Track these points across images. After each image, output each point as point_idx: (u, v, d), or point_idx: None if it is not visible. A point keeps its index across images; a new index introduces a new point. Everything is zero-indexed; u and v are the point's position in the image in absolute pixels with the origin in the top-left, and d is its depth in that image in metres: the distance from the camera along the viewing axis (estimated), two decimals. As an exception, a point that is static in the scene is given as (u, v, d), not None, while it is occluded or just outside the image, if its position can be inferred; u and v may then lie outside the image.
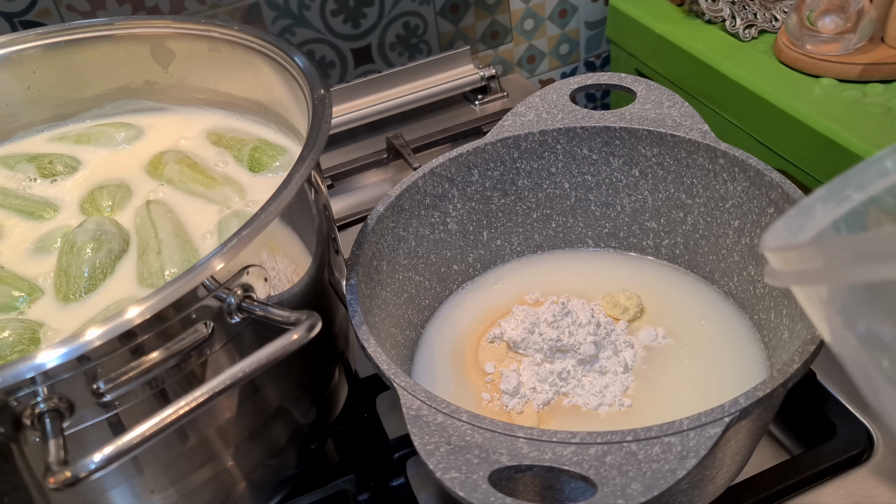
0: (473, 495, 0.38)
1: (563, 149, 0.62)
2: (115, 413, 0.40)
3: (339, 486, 0.57)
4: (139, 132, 0.65)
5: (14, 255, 0.54)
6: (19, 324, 0.47)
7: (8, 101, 0.64)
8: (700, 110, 0.62)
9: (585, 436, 0.40)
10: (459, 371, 0.58)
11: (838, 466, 0.55)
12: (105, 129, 0.65)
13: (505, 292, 0.64)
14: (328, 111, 0.49)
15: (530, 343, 0.57)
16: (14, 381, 0.35)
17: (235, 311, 0.42)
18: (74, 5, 0.86)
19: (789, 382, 0.43)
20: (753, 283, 0.58)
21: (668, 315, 0.60)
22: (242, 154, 0.60)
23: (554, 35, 1.12)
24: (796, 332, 0.51)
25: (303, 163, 0.45)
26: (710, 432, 0.40)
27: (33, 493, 0.41)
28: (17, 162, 0.61)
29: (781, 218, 0.31)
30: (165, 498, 0.45)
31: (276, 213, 0.42)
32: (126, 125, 0.65)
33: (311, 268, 0.50)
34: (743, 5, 0.92)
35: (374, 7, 0.97)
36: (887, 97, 0.78)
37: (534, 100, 0.64)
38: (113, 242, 0.52)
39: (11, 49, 0.63)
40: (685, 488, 0.47)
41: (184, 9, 0.90)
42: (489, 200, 0.63)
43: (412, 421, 0.43)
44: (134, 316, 0.37)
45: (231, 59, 0.61)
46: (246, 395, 0.46)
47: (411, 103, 0.97)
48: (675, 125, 0.59)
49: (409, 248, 0.60)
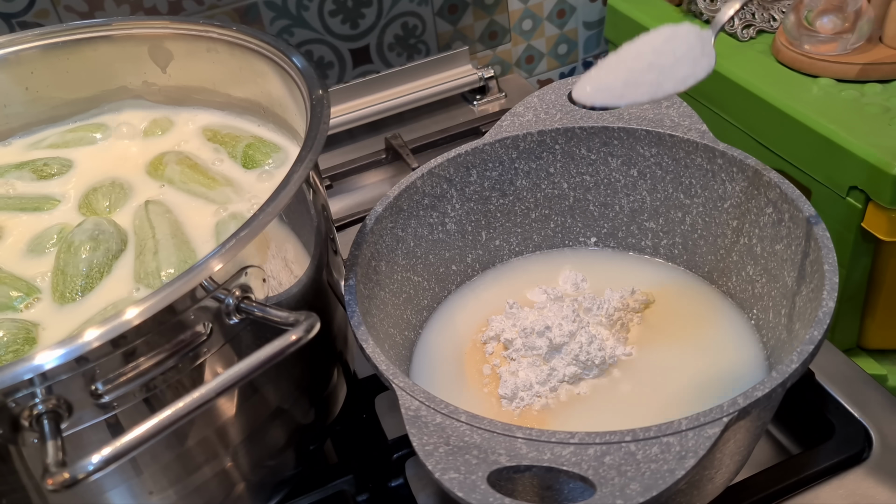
0: (472, 496, 0.38)
1: (561, 149, 0.62)
2: (113, 414, 0.40)
3: (338, 486, 0.57)
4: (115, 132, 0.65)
5: (12, 256, 0.54)
6: (13, 324, 0.47)
7: (6, 102, 0.64)
8: (698, 110, 0.62)
9: (584, 436, 0.40)
10: (458, 371, 0.58)
11: (837, 466, 0.55)
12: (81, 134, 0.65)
13: (503, 293, 0.64)
14: (326, 112, 0.49)
15: (528, 343, 0.57)
16: (12, 382, 0.35)
17: (234, 311, 0.42)
18: (72, 6, 0.86)
19: (788, 382, 0.43)
20: (752, 283, 0.58)
21: (666, 315, 0.60)
22: (236, 151, 0.60)
23: (552, 35, 1.12)
24: (795, 332, 0.51)
25: (301, 163, 0.45)
26: (708, 432, 0.40)
27: (31, 494, 0.41)
28: (6, 171, 0.61)
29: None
30: (164, 499, 0.45)
31: (275, 213, 0.42)
32: (101, 126, 0.65)
33: (310, 268, 0.50)
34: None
35: (372, 7, 0.97)
36: (885, 97, 0.78)
37: (532, 100, 0.64)
38: (110, 242, 0.52)
39: (9, 50, 0.63)
40: (684, 488, 0.47)
41: (182, 9, 0.90)
42: (488, 201, 0.63)
43: (411, 421, 0.43)
44: (133, 317, 0.37)
45: (229, 59, 0.61)
46: (244, 395, 0.46)
47: (410, 104, 0.97)
48: (674, 125, 0.59)
49: (408, 249, 0.60)
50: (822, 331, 0.45)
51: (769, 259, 0.56)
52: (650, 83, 0.44)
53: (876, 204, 0.73)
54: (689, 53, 0.45)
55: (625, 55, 0.45)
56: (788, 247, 0.53)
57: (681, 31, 0.46)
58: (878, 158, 0.72)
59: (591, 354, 0.55)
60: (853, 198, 0.75)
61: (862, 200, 0.74)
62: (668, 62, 0.45)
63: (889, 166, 0.71)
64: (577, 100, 0.45)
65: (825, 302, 0.46)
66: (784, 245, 0.54)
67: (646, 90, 0.44)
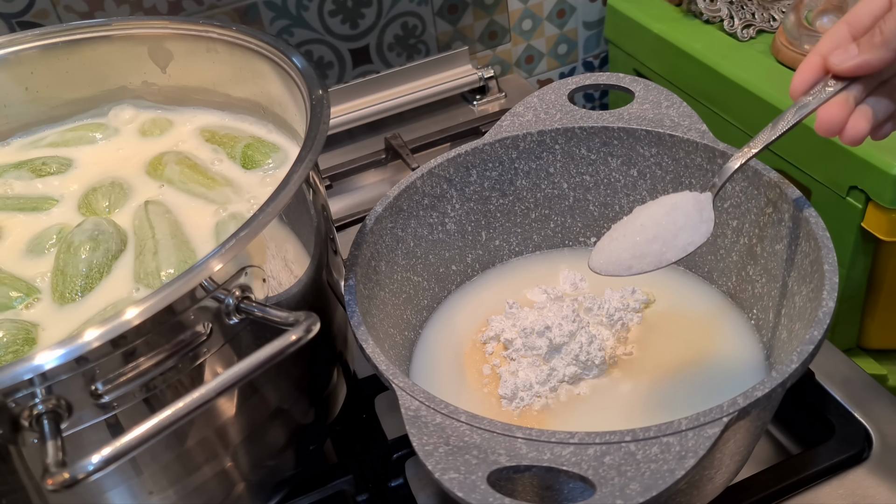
0: (472, 496, 0.38)
1: (561, 149, 0.62)
2: (113, 414, 0.40)
3: (338, 486, 0.57)
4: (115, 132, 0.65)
5: (12, 256, 0.54)
6: (13, 324, 0.47)
7: (6, 102, 0.64)
8: (698, 110, 0.62)
9: (584, 436, 0.40)
10: (458, 371, 0.58)
11: (837, 466, 0.55)
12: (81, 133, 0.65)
13: (503, 293, 0.64)
14: (326, 112, 0.49)
15: (528, 343, 0.57)
16: (12, 382, 0.35)
17: (234, 311, 0.42)
18: (72, 6, 0.86)
19: (788, 382, 0.43)
20: (752, 283, 0.58)
21: (666, 315, 0.60)
22: (235, 151, 0.60)
23: (552, 35, 1.12)
24: (795, 332, 0.51)
25: (301, 163, 0.45)
26: (708, 432, 0.40)
27: (31, 494, 0.41)
28: (4, 171, 0.61)
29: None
30: (164, 499, 0.45)
31: (275, 213, 0.42)
32: (101, 125, 0.65)
33: (310, 268, 0.50)
34: (741, 5, 0.92)
35: (372, 7, 0.97)
36: (885, 97, 0.78)
37: (532, 100, 0.64)
38: (110, 242, 0.52)
39: (9, 50, 0.63)
40: (684, 488, 0.47)
41: (181, 9, 0.90)
42: (487, 201, 0.63)
43: (411, 421, 0.43)
44: (133, 317, 0.37)
45: (229, 59, 0.61)
46: (244, 395, 0.46)
47: (410, 104, 0.97)
48: (674, 125, 0.59)
49: (408, 249, 0.60)
50: (822, 331, 0.45)
51: (769, 259, 0.56)
52: (655, 253, 0.50)
53: (876, 204, 0.73)
54: (689, 222, 0.50)
55: (632, 229, 0.51)
56: (788, 247, 0.53)
57: (681, 201, 0.51)
58: (877, 158, 0.72)
59: (591, 354, 0.55)
60: (853, 198, 0.75)
61: (862, 200, 0.74)
62: (671, 234, 0.50)
63: (889, 166, 0.71)
64: (592, 268, 0.51)
65: (825, 302, 0.46)
66: (784, 245, 0.54)
67: (651, 260, 0.50)
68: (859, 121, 0.46)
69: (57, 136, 0.64)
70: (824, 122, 0.46)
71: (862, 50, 0.45)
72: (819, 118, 0.47)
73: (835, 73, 0.46)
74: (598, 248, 0.52)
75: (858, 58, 0.45)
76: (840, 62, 0.46)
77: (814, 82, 0.48)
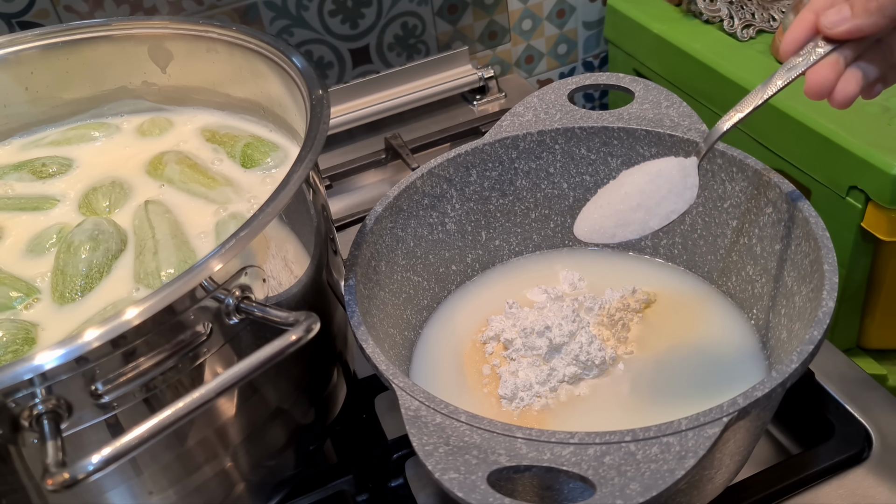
0: (472, 496, 0.38)
1: (561, 149, 0.62)
2: (113, 414, 0.40)
3: (338, 486, 0.57)
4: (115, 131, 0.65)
5: (12, 256, 0.54)
6: (13, 324, 0.47)
7: (6, 102, 0.64)
8: (698, 110, 0.62)
9: (584, 436, 0.40)
10: (458, 371, 0.58)
11: (837, 466, 0.55)
12: (81, 132, 0.65)
13: (503, 293, 0.64)
14: (326, 112, 0.49)
15: (528, 343, 0.57)
16: (12, 382, 0.35)
17: (234, 311, 0.42)
18: (72, 6, 0.86)
19: (788, 382, 0.43)
20: (752, 283, 0.58)
21: (666, 315, 0.60)
22: (235, 150, 0.60)
23: (552, 35, 1.12)
24: (794, 332, 0.51)
25: (301, 163, 0.45)
26: (708, 432, 0.40)
27: (31, 494, 0.41)
28: (5, 172, 0.61)
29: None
30: (164, 499, 0.45)
31: (275, 213, 0.42)
32: (101, 125, 0.65)
33: (310, 268, 0.50)
34: (741, 5, 0.92)
35: (372, 7, 0.97)
36: (885, 97, 0.78)
37: (532, 100, 0.64)
38: (110, 242, 0.52)
39: (9, 50, 0.63)
40: (684, 488, 0.47)
41: (181, 9, 0.90)
42: (487, 201, 0.63)
43: (411, 421, 0.43)
44: (132, 317, 0.37)
45: (229, 59, 0.61)
46: (244, 396, 0.46)
47: (409, 104, 0.97)
48: (674, 125, 0.59)
49: (408, 249, 0.60)
50: (822, 331, 0.45)
51: (769, 259, 0.56)
52: (638, 221, 0.49)
53: (876, 204, 0.73)
54: (673, 189, 0.50)
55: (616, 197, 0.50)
56: (788, 247, 0.53)
57: (665, 168, 0.50)
58: (877, 158, 0.72)
59: (591, 354, 0.55)
60: (853, 198, 0.75)
61: (862, 200, 0.74)
62: (654, 202, 0.50)
63: (889, 166, 0.71)
64: (576, 235, 0.51)
65: (825, 302, 0.46)
66: (784, 245, 0.54)
67: (634, 228, 0.49)
68: (849, 83, 0.44)
69: (58, 136, 0.64)
70: (813, 84, 0.45)
71: (855, 13, 0.43)
72: (808, 80, 0.45)
73: (826, 36, 0.45)
74: (583, 215, 0.51)
75: (851, 22, 0.43)
76: (832, 25, 0.44)
77: (805, 40, 0.46)
